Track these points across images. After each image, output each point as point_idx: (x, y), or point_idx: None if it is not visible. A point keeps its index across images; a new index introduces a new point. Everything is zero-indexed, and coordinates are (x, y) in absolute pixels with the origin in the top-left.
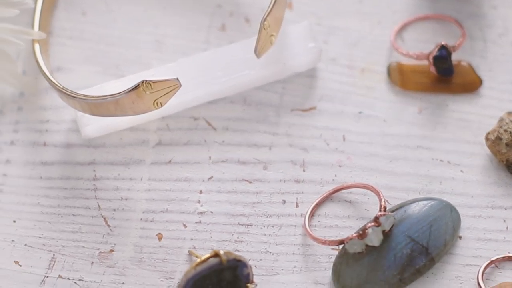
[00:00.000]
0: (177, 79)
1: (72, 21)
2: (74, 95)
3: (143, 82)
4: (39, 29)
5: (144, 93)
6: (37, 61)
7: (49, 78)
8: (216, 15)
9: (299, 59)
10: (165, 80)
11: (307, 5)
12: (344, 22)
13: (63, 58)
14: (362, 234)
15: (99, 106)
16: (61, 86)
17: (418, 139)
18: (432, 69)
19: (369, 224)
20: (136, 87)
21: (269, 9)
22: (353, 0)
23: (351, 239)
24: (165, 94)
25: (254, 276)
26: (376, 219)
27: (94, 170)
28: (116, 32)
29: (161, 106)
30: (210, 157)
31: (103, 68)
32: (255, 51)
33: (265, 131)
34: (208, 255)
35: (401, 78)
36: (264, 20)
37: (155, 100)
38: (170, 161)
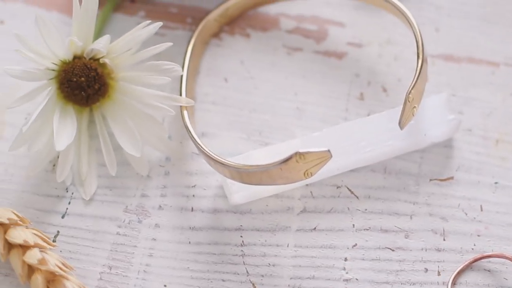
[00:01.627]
0: (329, 150)
1: (215, 87)
2: (227, 163)
3: (296, 154)
4: (186, 95)
5: (296, 163)
6: (186, 127)
7: (199, 145)
8: (354, 83)
9: (438, 130)
10: (318, 152)
11: (442, 77)
12: (477, 93)
13: (207, 124)
14: None
15: (250, 175)
16: (212, 153)
17: None
18: None
19: None
20: (290, 158)
21: (413, 83)
22: (486, 72)
23: None
24: (316, 165)
25: None
26: None
27: (242, 236)
28: (258, 99)
29: (311, 176)
30: (353, 225)
31: (246, 134)
32: (399, 123)
33: (405, 200)
34: None
35: None
36: (409, 94)
37: (306, 170)
38: (315, 228)
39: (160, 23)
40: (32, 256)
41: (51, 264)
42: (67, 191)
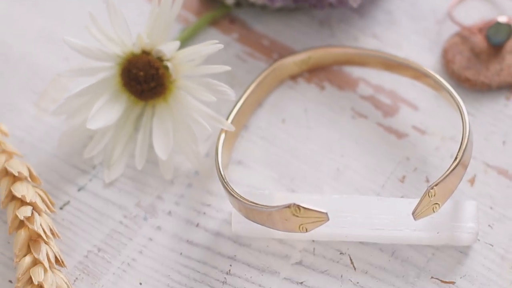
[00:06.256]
0: (327, 214)
1: (270, 124)
2: (233, 194)
3: (293, 205)
4: (233, 121)
5: (291, 215)
6: (216, 149)
7: (219, 169)
8: (401, 165)
9: (455, 234)
10: (314, 210)
11: (488, 187)
12: None
13: (248, 155)
14: None
15: (252, 211)
16: (227, 181)
17: None
18: None
19: None
20: (286, 207)
21: (439, 180)
22: None
23: None
24: (312, 222)
25: None
26: None
27: (231, 265)
28: (305, 149)
29: (306, 231)
30: None
31: (279, 175)
32: (413, 213)
33: (399, 287)
34: None
35: None
36: (431, 188)
37: (301, 224)
38: (302, 283)
39: (220, 46)
40: (23, 212)
41: (37, 225)
42: (93, 169)
